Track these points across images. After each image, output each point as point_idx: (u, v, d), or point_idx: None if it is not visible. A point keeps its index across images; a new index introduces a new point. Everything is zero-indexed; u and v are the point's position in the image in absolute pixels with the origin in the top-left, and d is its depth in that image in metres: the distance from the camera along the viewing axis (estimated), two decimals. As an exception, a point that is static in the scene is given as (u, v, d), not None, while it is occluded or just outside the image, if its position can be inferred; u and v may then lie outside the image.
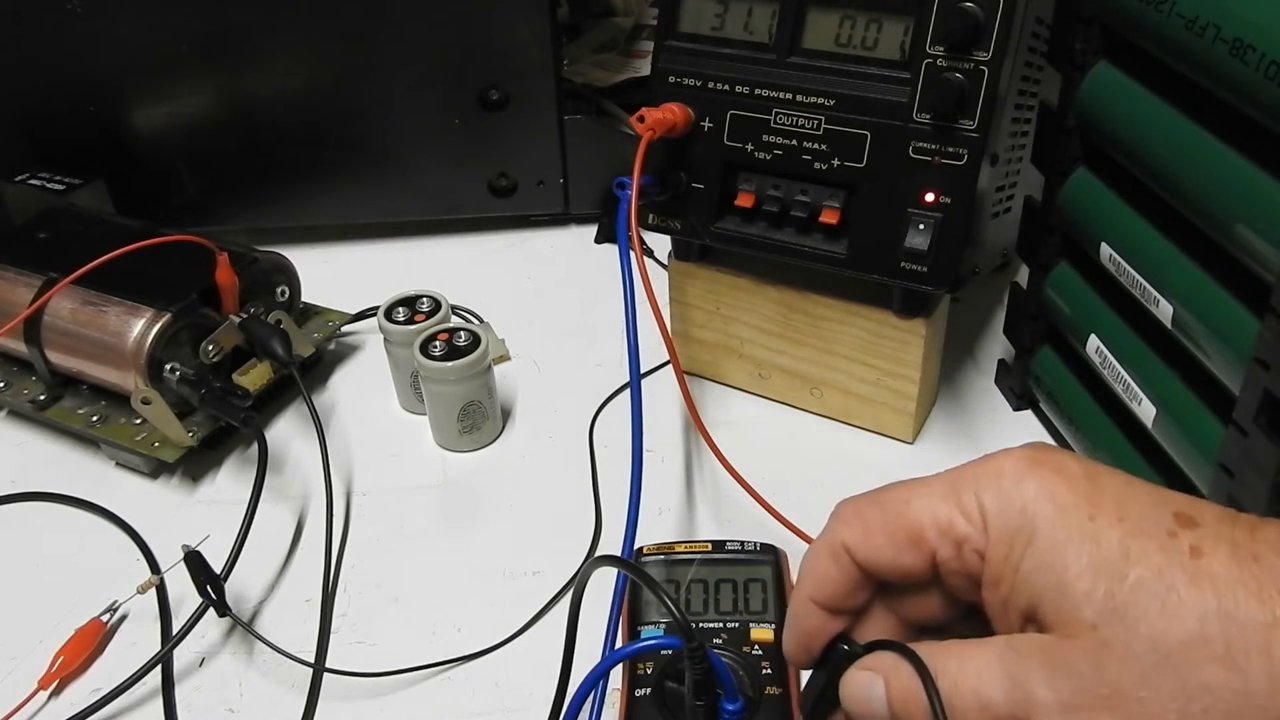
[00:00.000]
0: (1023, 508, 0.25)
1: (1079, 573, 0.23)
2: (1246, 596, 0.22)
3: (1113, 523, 0.24)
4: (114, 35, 0.64)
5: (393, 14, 0.65)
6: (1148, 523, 0.24)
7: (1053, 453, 0.26)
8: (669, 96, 0.50)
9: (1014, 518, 0.25)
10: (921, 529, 0.26)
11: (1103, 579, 0.23)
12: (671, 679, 0.37)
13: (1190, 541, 0.23)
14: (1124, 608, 0.23)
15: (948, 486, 0.26)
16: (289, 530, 0.50)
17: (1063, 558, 0.24)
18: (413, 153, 0.70)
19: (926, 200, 0.45)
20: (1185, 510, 0.24)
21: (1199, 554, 0.23)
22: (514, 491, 0.52)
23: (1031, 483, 0.25)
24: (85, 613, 0.45)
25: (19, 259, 0.56)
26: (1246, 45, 0.34)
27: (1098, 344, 0.46)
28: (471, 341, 0.52)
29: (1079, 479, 0.25)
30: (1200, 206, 0.38)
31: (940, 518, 0.26)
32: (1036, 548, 0.24)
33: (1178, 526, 0.24)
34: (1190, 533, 0.23)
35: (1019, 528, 0.25)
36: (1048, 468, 0.25)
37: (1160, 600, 0.23)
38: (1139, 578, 0.23)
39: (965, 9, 0.43)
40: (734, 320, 0.56)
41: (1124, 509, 0.24)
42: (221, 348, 0.53)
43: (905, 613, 0.29)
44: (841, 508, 0.29)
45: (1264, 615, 0.22)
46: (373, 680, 0.42)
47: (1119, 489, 0.25)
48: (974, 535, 0.25)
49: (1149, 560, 0.23)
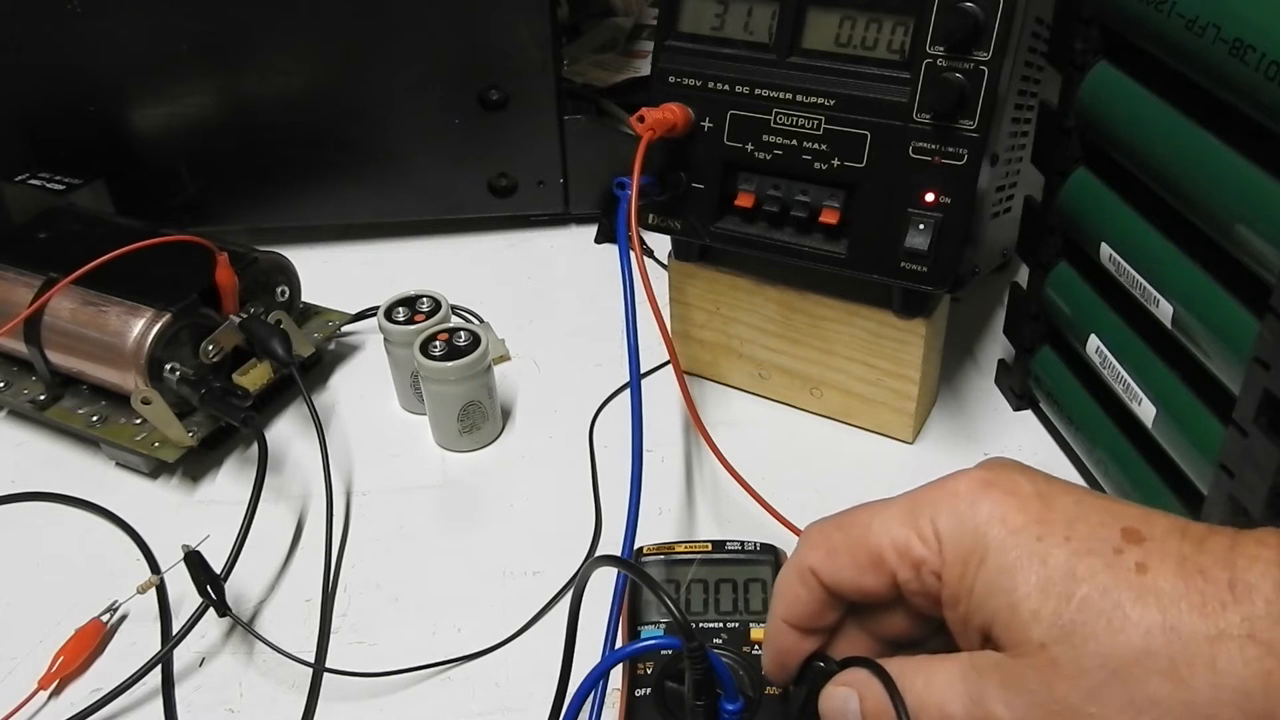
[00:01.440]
0: (975, 530, 0.25)
1: (1027, 593, 0.24)
2: (1190, 610, 0.23)
3: (1060, 542, 0.24)
4: (114, 35, 0.64)
5: (393, 14, 0.65)
6: (1095, 540, 0.24)
7: (1007, 472, 0.27)
8: (669, 96, 0.50)
9: (967, 540, 0.26)
10: (881, 552, 0.27)
11: (1050, 599, 0.24)
12: (671, 679, 0.37)
13: (1136, 558, 0.24)
14: (1071, 626, 0.23)
15: (906, 509, 0.27)
16: (289, 530, 0.50)
17: (1012, 579, 0.24)
18: (413, 153, 0.70)
19: (926, 200, 0.45)
20: (1133, 525, 0.25)
21: (1144, 570, 0.23)
22: (514, 491, 0.52)
23: (984, 504, 0.26)
24: (85, 613, 0.45)
25: (19, 259, 0.56)
26: (1246, 45, 0.34)
27: (1098, 344, 0.46)
28: (471, 341, 0.52)
29: (1030, 499, 0.26)
30: (1200, 206, 0.38)
31: (899, 540, 0.27)
32: (988, 569, 0.25)
33: (1124, 543, 0.24)
34: (1137, 548, 0.24)
35: (972, 549, 0.25)
36: (1000, 489, 0.26)
37: (1106, 618, 0.23)
38: (1085, 596, 0.24)
39: (965, 9, 0.43)
40: (734, 320, 0.56)
41: (1072, 528, 0.25)
42: (221, 348, 0.53)
43: (878, 629, 0.29)
44: (809, 531, 0.29)
45: (1207, 629, 0.22)
46: (373, 680, 0.42)
47: (1069, 507, 0.25)
48: (930, 557, 0.26)
49: (1095, 578, 0.24)
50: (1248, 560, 0.23)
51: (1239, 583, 0.23)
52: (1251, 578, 0.23)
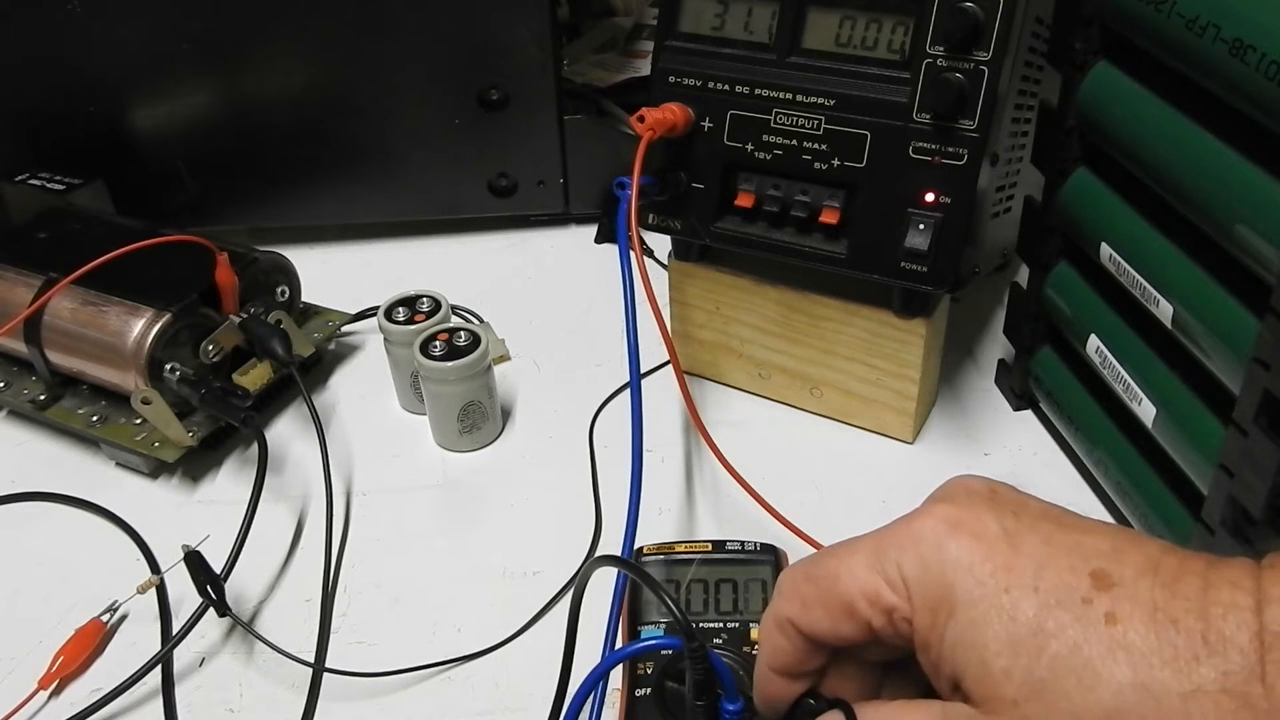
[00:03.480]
0: (941, 579, 0.25)
1: (998, 650, 0.24)
2: (1163, 666, 0.22)
3: (1028, 594, 0.24)
4: (114, 35, 0.64)
5: (393, 14, 0.65)
6: (1063, 590, 0.24)
7: (973, 509, 0.26)
8: (669, 96, 0.50)
9: (934, 588, 0.25)
10: (852, 601, 0.27)
11: (1021, 656, 0.24)
12: (672, 679, 0.37)
13: (1106, 607, 0.23)
14: (1042, 684, 0.23)
15: (872, 555, 0.27)
16: (289, 530, 0.50)
17: (982, 634, 0.24)
18: (413, 153, 0.70)
19: (926, 200, 0.45)
20: (1103, 567, 0.24)
21: (1114, 621, 0.23)
22: (514, 491, 0.52)
23: (950, 549, 0.25)
24: (85, 613, 0.45)
25: (19, 259, 0.56)
26: (1246, 45, 0.34)
27: (1098, 344, 0.46)
28: (471, 341, 0.52)
29: (997, 543, 0.25)
30: (1200, 206, 0.38)
31: (868, 589, 0.26)
32: (957, 621, 0.25)
33: (1094, 590, 0.24)
34: (1106, 596, 0.24)
35: (940, 598, 0.25)
36: (966, 531, 0.25)
37: (1077, 675, 0.23)
38: (1055, 653, 0.23)
39: (965, 9, 0.43)
40: (734, 320, 0.56)
41: (1040, 575, 0.24)
42: (221, 348, 0.53)
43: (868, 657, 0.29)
44: (782, 581, 0.29)
45: (1181, 685, 0.22)
46: (373, 680, 0.42)
47: (1037, 550, 0.25)
48: (900, 605, 0.26)
49: (1064, 634, 0.23)
50: (1222, 609, 0.22)
51: (1213, 634, 0.22)
52: (1227, 629, 0.22)
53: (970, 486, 0.27)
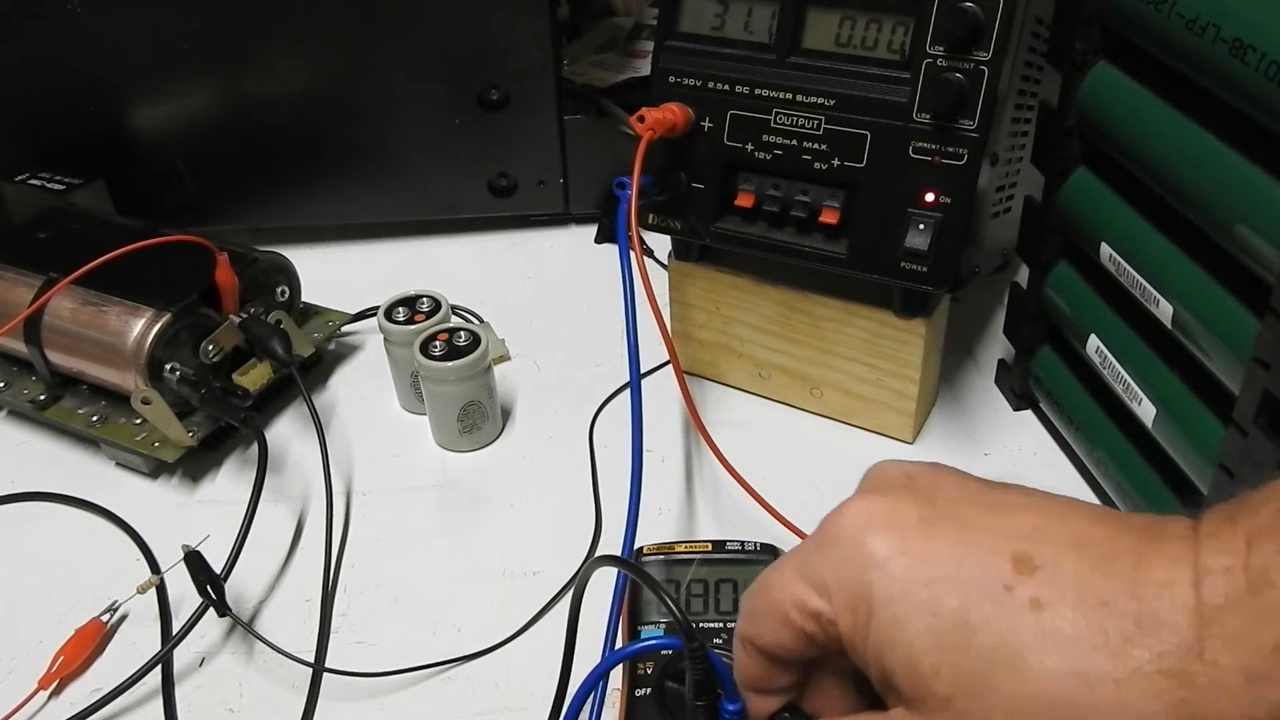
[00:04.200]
0: (859, 578, 0.25)
1: (924, 647, 0.23)
2: (1095, 651, 0.22)
3: (949, 586, 0.23)
4: (114, 35, 0.64)
5: (393, 14, 0.65)
6: (985, 579, 0.23)
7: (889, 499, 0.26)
8: (669, 96, 0.50)
9: (853, 588, 0.25)
10: (785, 610, 0.26)
11: (948, 652, 0.23)
12: (672, 679, 0.37)
13: (1030, 593, 0.23)
14: (973, 679, 0.23)
15: (799, 561, 0.26)
16: (289, 530, 0.50)
17: (905, 633, 0.24)
18: (413, 153, 0.70)
19: (926, 200, 0.45)
20: (1025, 550, 0.23)
21: (1040, 608, 0.22)
22: (514, 491, 0.52)
23: (866, 547, 0.25)
24: (85, 613, 0.45)
25: (19, 259, 0.56)
26: (1246, 45, 0.34)
27: (1098, 344, 0.46)
28: (471, 341, 0.52)
29: (913, 532, 0.25)
30: (1200, 206, 0.38)
31: (796, 596, 0.26)
32: (878, 620, 0.24)
33: (1015, 576, 0.23)
34: (1029, 581, 0.23)
35: (858, 597, 0.25)
36: (880, 525, 0.25)
37: (1007, 667, 0.22)
38: (982, 646, 0.23)
39: (965, 9, 0.43)
40: (734, 320, 0.56)
41: (960, 565, 0.24)
42: (221, 348, 0.53)
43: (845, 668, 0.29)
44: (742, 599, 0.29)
45: (1115, 670, 0.21)
46: (373, 680, 0.42)
47: (955, 537, 0.24)
48: (826, 609, 0.25)
49: (990, 626, 0.23)
50: (1155, 587, 0.22)
51: (1146, 615, 0.21)
52: (1160, 608, 0.21)
53: (884, 474, 0.27)
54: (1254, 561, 0.21)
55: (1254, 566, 0.21)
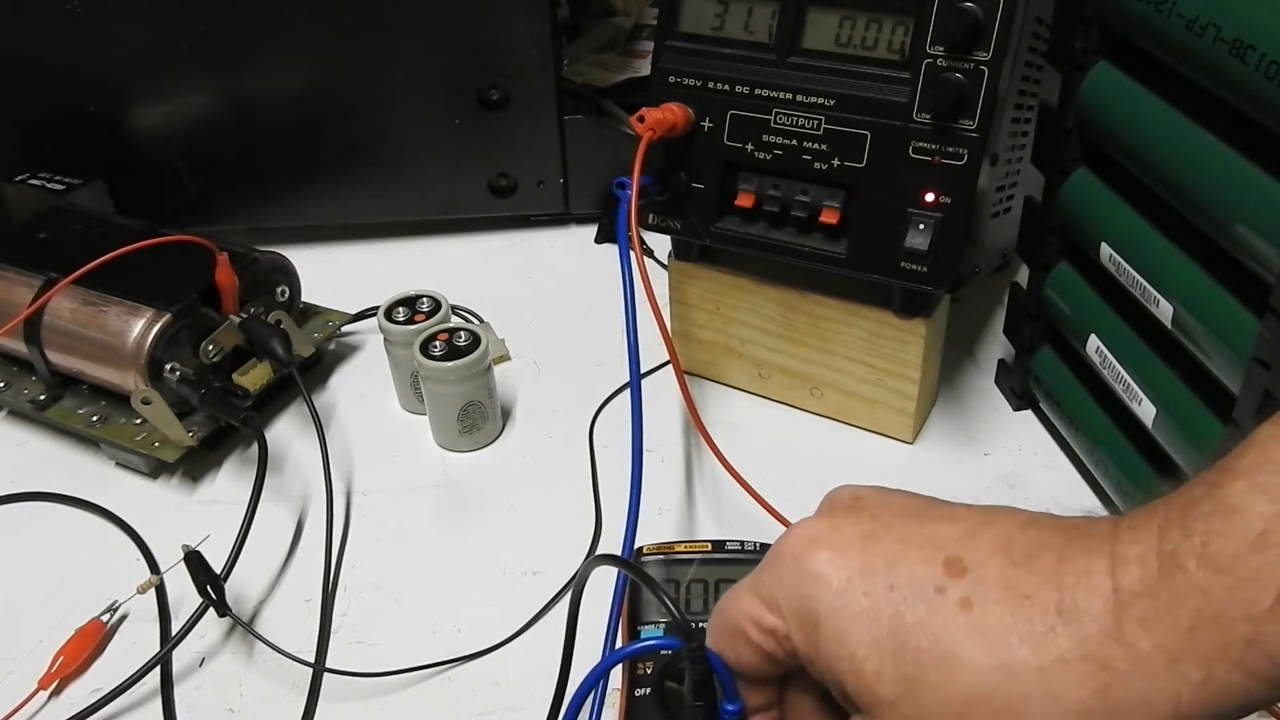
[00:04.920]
0: (804, 594, 0.26)
1: (865, 655, 0.24)
2: (1020, 643, 0.22)
3: (885, 594, 0.24)
4: (114, 35, 0.64)
5: (393, 14, 0.65)
6: (918, 584, 0.24)
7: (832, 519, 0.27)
8: (669, 96, 0.50)
9: (799, 604, 0.26)
10: (742, 628, 0.27)
11: (888, 657, 0.24)
12: (671, 679, 0.37)
13: (960, 593, 0.23)
14: (911, 680, 0.23)
15: (754, 580, 0.27)
16: (289, 530, 0.50)
17: (847, 644, 0.24)
18: (413, 153, 0.70)
19: (926, 200, 0.45)
20: (956, 554, 0.24)
21: (969, 607, 0.23)
22: (514, 491, 0.52)
23: (807, 564, 0.26)
24: (85, 613, 0.45)
25: (19, 259, 0.56)
26: (1246, 45, 0.34)
27: (1098, 344, 0.46)
28: (471, 341, 0.52)
29: (852, 549, 0.25)
30: (1200, 206, 0.38)
31: (750, 613, 0.27)
32: (824, 633, 0.25)
33: (947, 578, 0.24)
34: (959, 582, 0.24)
35: (806, 613, 0.26)
36: (822, 544, 0.26)
37: (940, 666, 0.23)
38: (918, 647, 0.23)
39: (965, 9, 0.43)
40: (734, 320, 0.56)
41: (894, 573, 0.25)
42: (221, 348, 0.53)
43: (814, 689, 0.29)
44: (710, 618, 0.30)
45: (1039, 659, 0.22)
46: (373, 680, 0.42)
47: (890, 548, 0.25)
48: (779, 624, 0.27)
49: (924, 628, 0.23)
50: (1074, 577, 0.22)
51: (1066, 605, 0.22)
52: (1079, 597, 0.22)
53: (835, 499, 0.28)
54: (1164, 547, 0.22)
55: (1164, 551, 0.22)
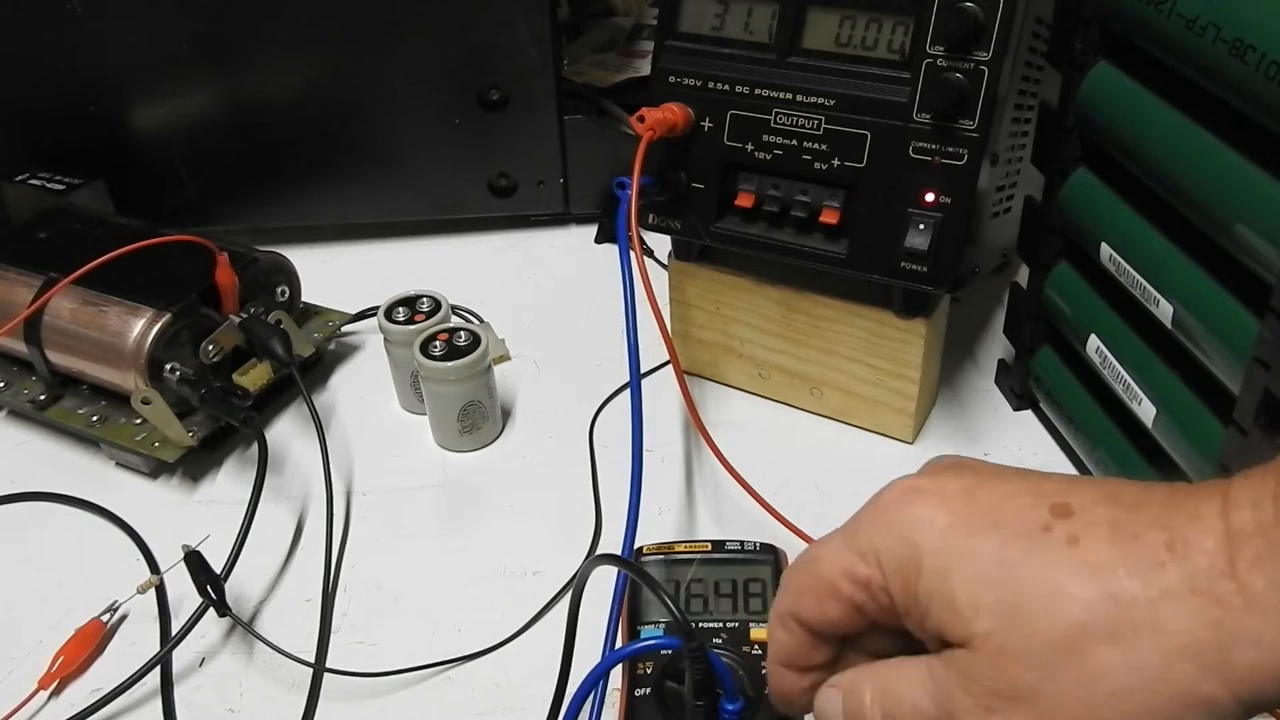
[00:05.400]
0: (906, 539, 0.26)
1: (965, 589, 0.24)
2: (1128, 576, 0.23)
3: (988, 533, 0.25)
4: (114, 35, 0.64)
5: (392, 14, 0.65)
6: (1023, 523, 0.25)
7: (937, 475, 0.27)
8: (669, 96, 0.50)
9: (901, 550, 0.26)
10: (834, 581, 0.28)
11: (990, 590, 0.24)
12: (671, 679, 0.37)
13: (1067, 531, 0.24)
14: (1013, 611, 0.24)
15: (847, 534, 0.28)
16: (289, 530, 0.50)
17: (949, 581, 0.25)
18: (413, 153, 0.70)
19: (926, 200, 0.45)
20: (1061, 500, 0.25)
21: (1076, 542, 0.24)
22: (514, 491, 0.52)
23: (911, 513, 0.26)
24: (85, 613, 0.45)
25: (19, 259, 0.56)
26: (1246, 45, 0.34)
27: (1098, 344, 0.46)
28: (471, 341, 0.52)
29: (955, 498, 0.26)
30: (1200, 206, 0.38)
31: (844, 566, 0.27)
32: (926, 575, 0.25)
33: (1053, 519, 0.24)
34: (1065, 522, 0.24)
35: (907, 558, 0.26)
36: (924, 492, 0.27)
37: (1044, 597, 0.23)
38: (1020, 580, 0.24)
39: (965, 9, 0.43)
40: (734, 320, 0.56)
41: (998, 515, 0.25)
42: (221, 348, 0.53)
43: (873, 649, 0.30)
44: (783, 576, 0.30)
45: (1148, 591, 0.22)
46: (373, 680, 0.42)
47: (994, 498, 0.26)
48: (875, 575, 0.27)
49: (1028, 562, 0.24)
50: (1185, 518, 0.23)
51: (1177, 542, 0.22)
52: (1190, 535, 0.22)
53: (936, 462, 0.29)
54: None
55: None
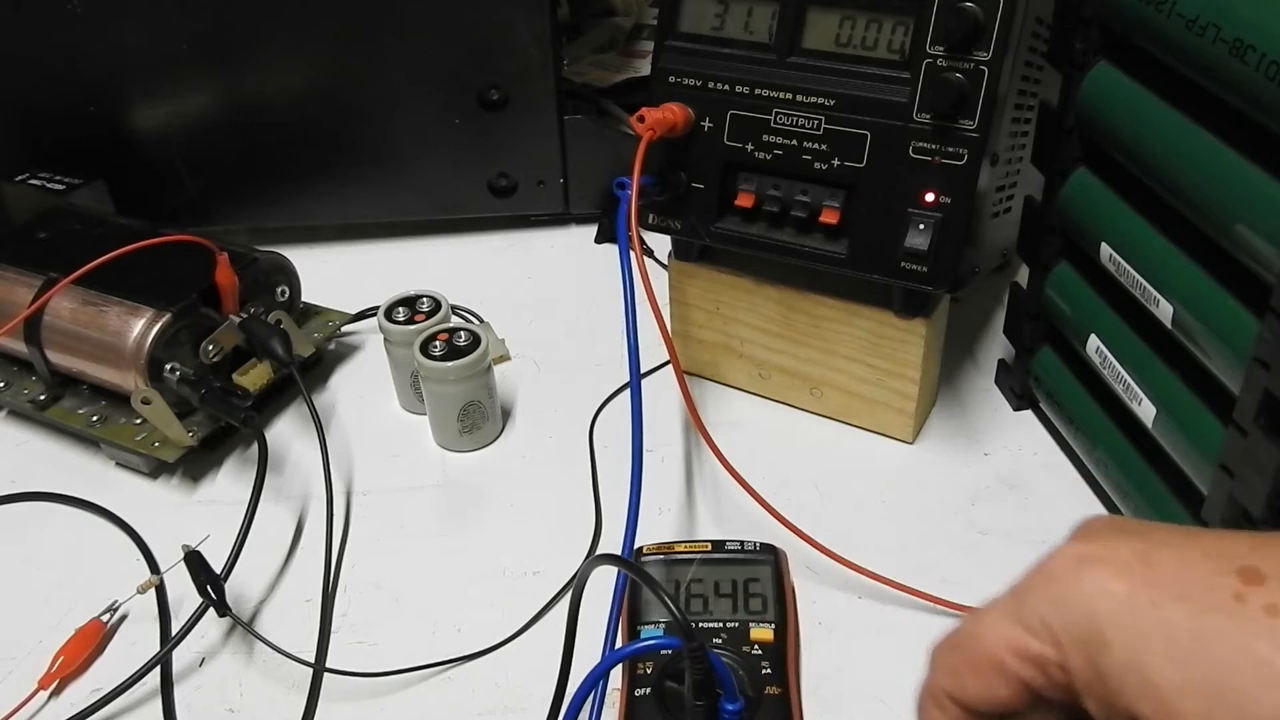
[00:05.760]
0: (1084, 612, 0.24)
1: (1162, 669, 0.23)
2: None
3: (1176, 604, 0.23)
4: (114, 35, 0.64)
5: (393, 14, 0.65)
6: (1212, 592, 0.23)
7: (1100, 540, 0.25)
8: (669, 96, 0.50)
9: (1080, 625, 0.24)
10: (1000, 659, 0.25)
11: (1191, 667, 0.22)
12: (671, 679, 0.37)
13: (1262, 601, 0.22)
14: (1221, 692, 0.22)
15: (1011, 607, 0.26)
16: (289, 530, 0.50)
17: (1141, 657, 0.23)
18: (413, 153, 0.70)
19: (926, 200, 0.45)
20: (1248, 564, 0.23)
21: (1275, 612, 0.22)
22: (514, 491, 0.52)
23: (1086, 583, 0.24)
24: (85, 613, 0.45)
25: (19, 259, 0.56)
26: (1246, 45, 0.34)
27: (1098, 344, 0.46)
28: (471, 341, 0.52)
29: (1131, 565, 0.24)
30: (1200, 206, 0.38)
31: (1012, 642, 0.25)
32: (1113, 651, 0.23)
33: (1244, 586, 0.23)
34: (1258, 590, 0.22)
35: (1089, 634, 0.24)
36: (1095, 560, 0.24)
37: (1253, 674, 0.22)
38: (1223, 656, 0.22)
39: (965, 9, 0.43)
40: (734, 320, 0.56)
41: (1183, 584, 0.23)
42: (221, 348, 0.53)
43: None
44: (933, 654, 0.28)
45: None
46: (373, 680, 0.42)
47: (1173, 563, 0.24)
48: (1049, 652, 0.25)
49: (1227, 637, 0.22)
50: None
51: None
52: None
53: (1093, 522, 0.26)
54: None
55: None
